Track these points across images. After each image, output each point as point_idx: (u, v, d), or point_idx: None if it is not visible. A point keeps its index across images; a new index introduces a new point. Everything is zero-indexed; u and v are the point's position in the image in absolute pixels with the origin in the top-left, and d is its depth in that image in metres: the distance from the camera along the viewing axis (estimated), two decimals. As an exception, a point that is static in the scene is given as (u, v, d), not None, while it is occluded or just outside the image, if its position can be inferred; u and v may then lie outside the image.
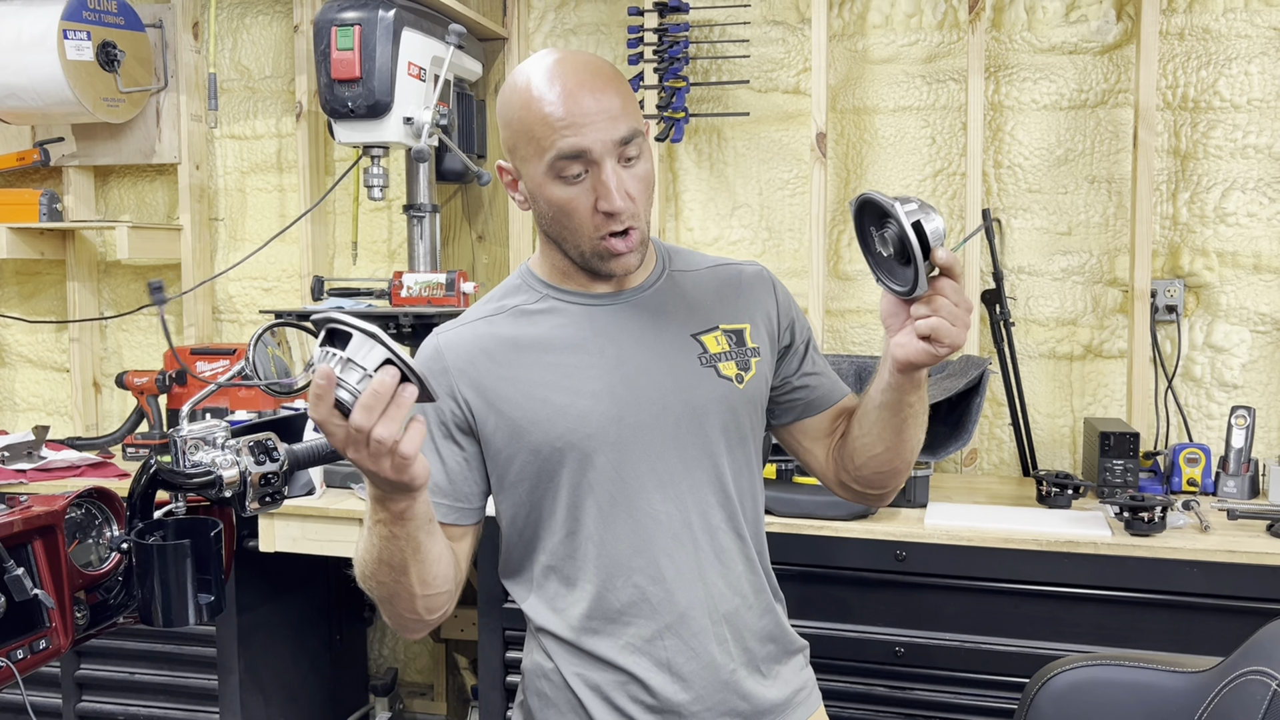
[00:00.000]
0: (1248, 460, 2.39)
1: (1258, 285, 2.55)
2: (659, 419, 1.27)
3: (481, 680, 2.42)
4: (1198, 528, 2.12)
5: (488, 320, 1.32)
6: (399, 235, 3.15)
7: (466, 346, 1.29)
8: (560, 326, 1.29)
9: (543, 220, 1.26)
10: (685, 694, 1.28)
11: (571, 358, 1.27)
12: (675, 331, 1.31)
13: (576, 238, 1.23)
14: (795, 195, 2.84)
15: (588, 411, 1.25)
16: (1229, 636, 1.98)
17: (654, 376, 1.28)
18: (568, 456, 1.26)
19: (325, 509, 2.30)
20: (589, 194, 1.19)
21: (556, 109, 1.18)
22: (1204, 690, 1.03)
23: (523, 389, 1.26)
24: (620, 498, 1.26)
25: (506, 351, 1.28)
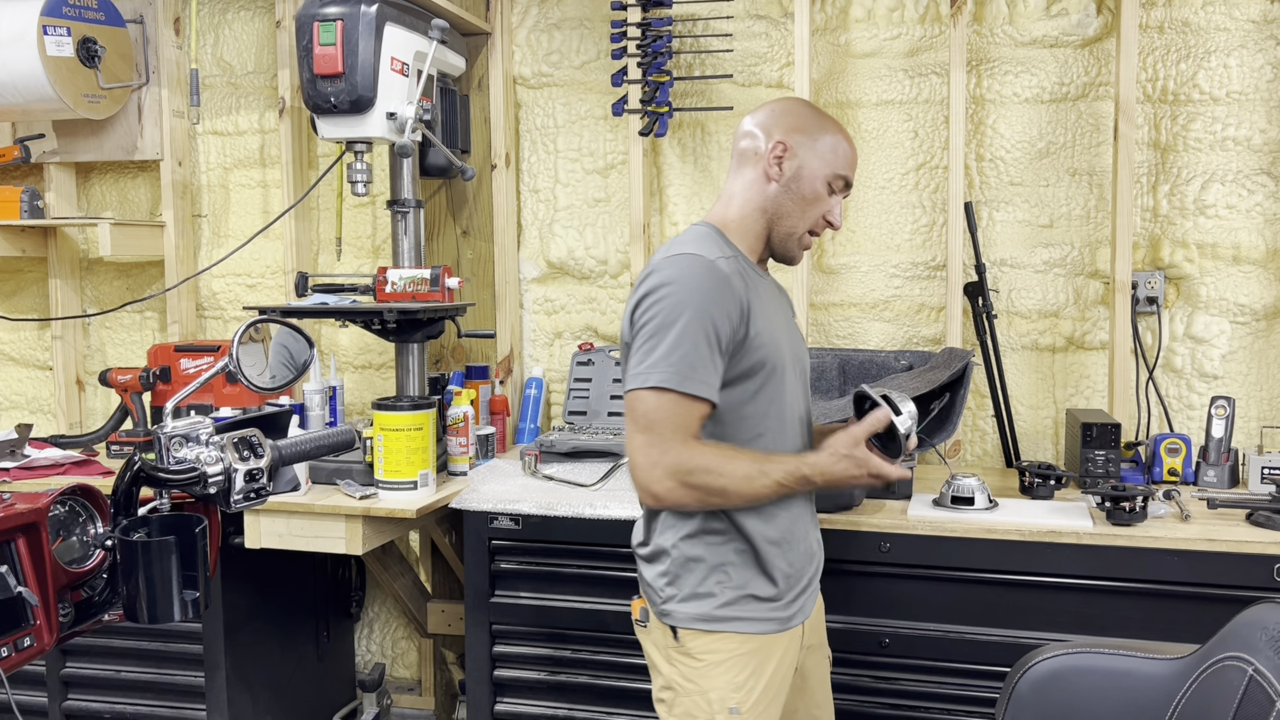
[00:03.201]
0: (1228, 450, 2.41)
1: (1237, 276, 2.57)
2: (796, 364, 1.72)
3: (469, 675, 2.42)
4: (1178, 517, 2.14)
5: (731, 260, 1.61)
6: (383, 231, 3.14)
7: (735, 279, 1.58)
8: (753, 284, 1.64)
9: (788, 197, 1.66)
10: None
11: (766, 308, 1.65)
12: (789, 308, 1.81)
13: (797, 225, 1.68)
14: (779, 189, 2.84)
15: (780, 346, 1.65)
16: (1209, 624, 2.00)
17: (792, 336, 1.75)
18: (773, 372, 1.62)
19: (311, 505, 2.30)
20: (827, 205, 1.69)
21: (851, 154, 1.72)
22: (1182, 676, 1.04)
23: (759, 322, 1.60)
24: (787, 407, 1.67)
25: (746, 290, 1.60)
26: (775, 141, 1.65)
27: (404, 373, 2.65)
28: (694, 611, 1.64)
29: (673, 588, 1.65)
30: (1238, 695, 0.93)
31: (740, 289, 1.58)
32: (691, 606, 1.64)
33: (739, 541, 1.63)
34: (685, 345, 1.52)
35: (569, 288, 3.04)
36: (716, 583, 1.63)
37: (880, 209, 2.79)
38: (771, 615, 1.66)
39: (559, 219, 3.02)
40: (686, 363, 1.52)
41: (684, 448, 1.53)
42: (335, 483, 2.41)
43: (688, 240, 1.63)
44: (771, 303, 1.69)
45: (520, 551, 2.38)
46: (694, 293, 1.54)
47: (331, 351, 3.20)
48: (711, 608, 1.63)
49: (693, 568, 1.64)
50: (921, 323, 2.79)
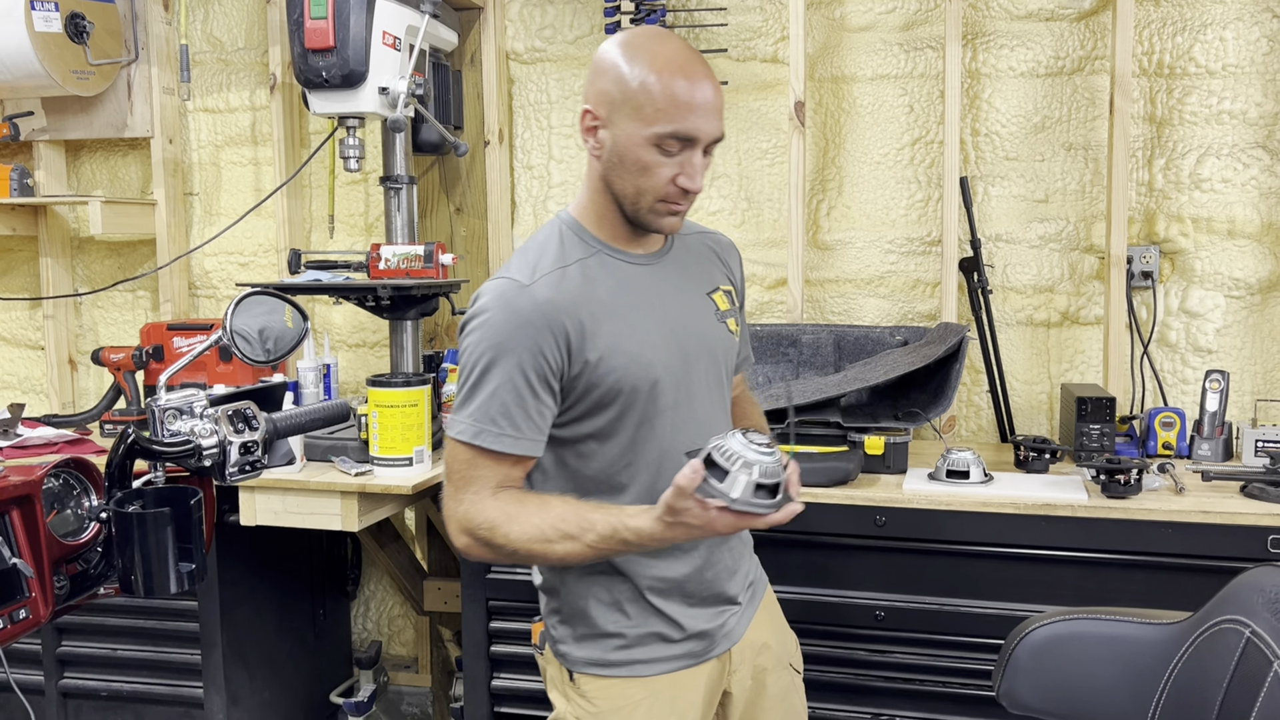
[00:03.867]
0: (1222, 423, 2.41)
1: (1232, 250, 2.57)
2: (696, 365, 1.47)
3: (466, 651, 2.43)
4: (1173, 490, 2.14)
5: (562, 273, 1.39)
6: (376, 208, 3.13)
7: (561, 301, 1.37)
8: (619, 283, 1.43)
9: (616, 171, 1.38)
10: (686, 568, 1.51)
11: (634, 312, 1.42)
12: (695, 290, 1.51)
13: (641, 195, 1.37)
14: (774, 165, 2.83)
15: (651, 360, 1.41)
16: (1203, 595, 2.01)
17: (690, 329, 1.47)
18: (636, 395, 1.40)
19: (306, 482, 2.29)
20: (674, 168, 1.35)
21: (688, 92, 1.33)
22: (1178, 640, 1.04)
23: (605, 340, 1.38)
24: (670, 428, 1.44)
25: (586, 305, 1.38)
26: (582, 111, 1.39)
27: (398, 350, 2.64)
28: (588, 655, 1.49)
29: (566, 627, 1.50)
30: (1235, 657, 0.93)
31: (567, 313, 1.35)
32: (585, 649, 1.49)
33: (627, 583, 1.46)
34: (485, 394, 1.34)
35: (563, 265, 3.03)
36: (612, 622, 1.47)
37: (876, 184, 2.78)
38: (681, 653, 1.49)
39: (553, 195, 3.00)
40: (488, 416, 1.34)
41: (474, 502, 1.35)
42: (330, 460, 2.41)
43: (526, 248, 1.44)
44: (652, 298, 1.43)
45: (516, 528, 2.38)
46: (499, 331, 1.34)
47: (325, 330, 3.18)
48: (607, 651, 1.48)
49: (586, 607, 1.47)
50: (917, 298, 2.78)
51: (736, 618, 1.56)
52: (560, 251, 1.42)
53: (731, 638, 1.55)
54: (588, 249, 1.43)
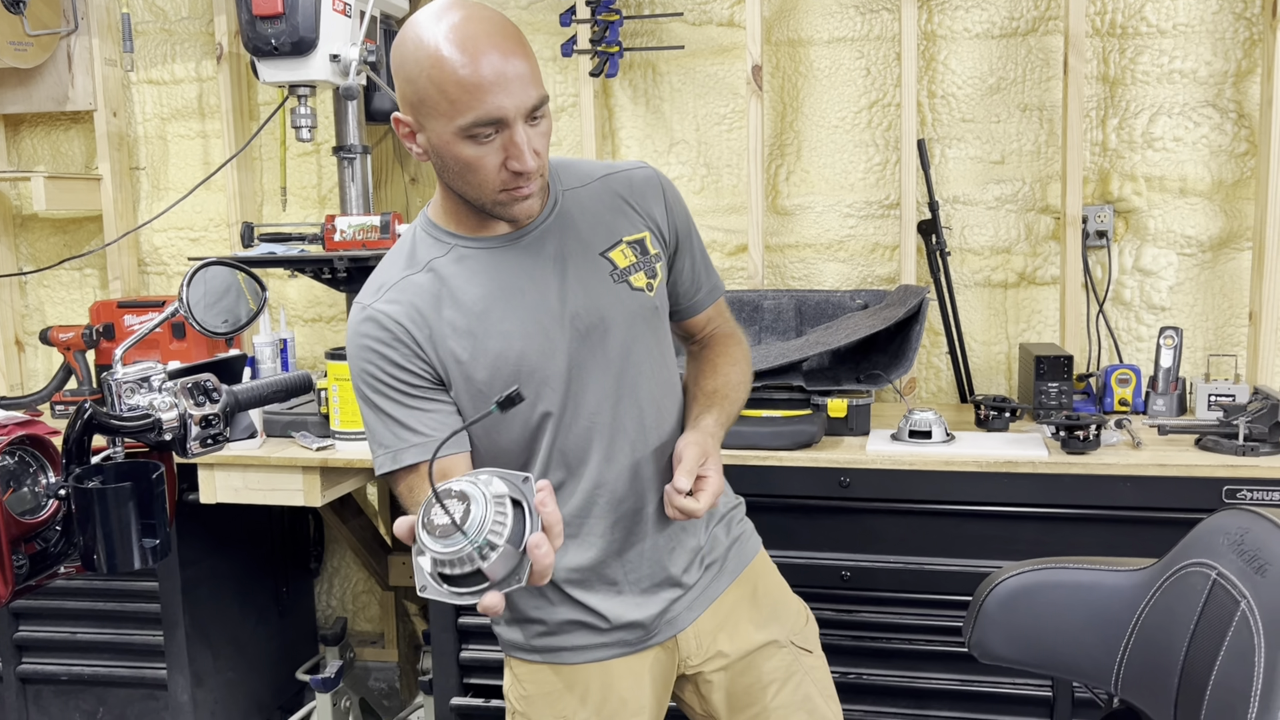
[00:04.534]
0: (1176, 379, 2.46)
1: (1184, 209, 2.61)
2: (593, 341, 1.34)
3: (433, 623, 2.42)
4: (1130, 444, 2.18)
5: (409, 280, 1.33)
6: (329, 180, 3.08)
7: (404, 309, 1.31)
8: (477, 274, 1.32)
9: (446, 174, 1.28)
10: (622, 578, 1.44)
11: (497, 304, 1.31)
12: (583, 254, 1.36)
13: (480, 191, 1.26)
14: (732, 130, 2.82)
15: (524, 351, 1.31)
16: (1161, 546, 2.05)
17: (576, 303, 1.34)
18: (508, 382, 1.30)
19: (267, 458, 2.26)
20: (498, 153, 1.22)
21: (472, 73, 1.18)
22: (1145, 586, 1.06)
23: (463, 341, 1.30)
24: (567, 422, 1.35)
25: (438, 307, 1.31)
26: (394, 120, 1.29)
27: (357, 323, 2.61)
28: (513, 639, 1.46)
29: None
30: (1201, 599, 0.95)
31: (414, 322, 1.30)
32: (512, 633, 1.46)
33: None
34: (380, 422, 1.33)
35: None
36: (534, 608, 1.42)
37: (834, 149, 2.78)
38: (611, 641, 1.42)
39: (510, 164, 2.97)
40: (394, 437, 1.32)
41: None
42: (290, 435, 2.38)
43: (385, 258, 1.40)
44: (520, 281, 1.32)
45: (481, 499, 2.37)
46: (356, 359, 1.33)
47: (280, 304, 3.13)
48: (530, 636, 1.44)
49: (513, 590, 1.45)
50: (876, 262, 2.79)
51: (685, 603, 1.46)
52: (410, 257, 1.36)
53: (676, 624, 1.45)
54: (442, 246, 1.35)
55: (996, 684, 2.19)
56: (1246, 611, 0.86)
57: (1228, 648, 0.87)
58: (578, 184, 1.41)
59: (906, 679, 2.22)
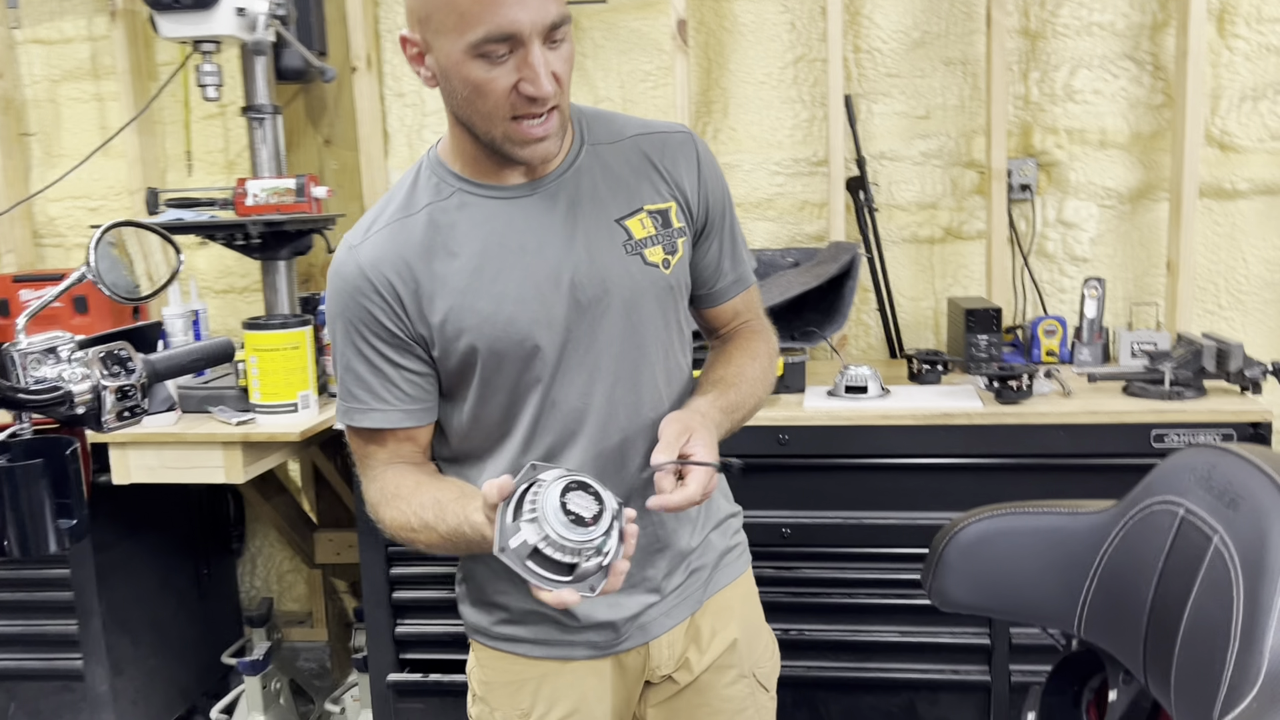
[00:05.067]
0: (1100, 329, 2.50)
1: (1104, 161, 2.65)
2: (596, 316, 1.23)
3: (366, 600, 2.35)
4: (1061, 393, 2.21)
5: (402, 224, 1.22)
6: (236, 144, 2.94)
7: (390, 259, 1.21)
8: (478, 226, 1.21)
9: (453, 100, 1.16)
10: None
11: (494, 261, 1.20)
12: (597, 218, 1.24)
13: (489, 122, 1.14)
14: (658, 87, 2.77)
15: (514, 316, 1.20)
16: (1095, 492, 2.08)
17: (580, 272, 1.22)
18: (502, 363, 1.22)
19: (183, 434, 2.15)
20: (511, 75, 1.10)
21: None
22: (1106, 527, 1.06)
23: (451, 298, 1.20)
24: (555, 398, 1.24)
25: (428, 259, 1.21)
26: (401, 41, 1.19)
27: (272, 292, 2.50)
28: (475, 621, 1.38)
29: (464, 585, 1.39)
30: (1169, 537, 0.94)
31: (397, 272, 1.20)
32: (474, 615, 1.38)
33: None
34: (341, 369, 1.27)
35: (443, 198, 2.91)
36: (500, 592, 1.33)
37: (760, 105, 2.75)
38: (579, 640, 1.32)
39: (429, 125, 2.87)
40: (348, 392, 1.26)
41: (367, 482, 1.28)
42: (207, 410, 2.27)
43: (386, 195, 1.29)
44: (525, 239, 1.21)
45: (412, 469, 2.30)
46: (333, 301, 1.24)
47: (190, 275, 2.99)
48: (492, 622, 1.35)
49: (476, 570, 1.36)
50: (805, 220, 2.78)
51: (662, 608, 1.34)
52: (409, 197, 1.25)
53: (649, 630, 1.34)
54: (445, 189, 1.24)
55: (936, 634, 2.21)
56: (1220, 546, 0.85)
57: (1201, 583, 0.87)
58: (606, 139, 1.28)
59: (848, 633, 2.22)
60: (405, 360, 1.24)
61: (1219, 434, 2.05)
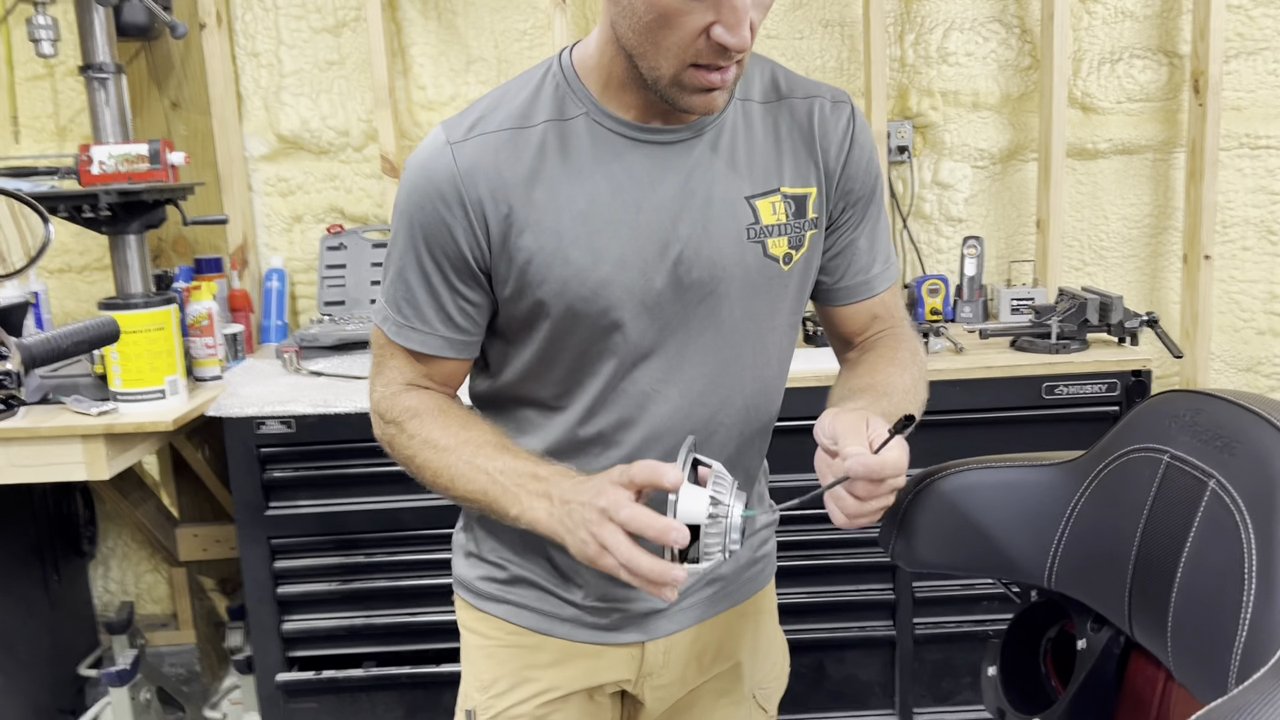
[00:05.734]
0: (980, 287, 2.56)
1: (976, 123, 2.71)
2: (683, 298, 1.06)
3: (249, 596, 2.19)
4: (953, 350, 2.25)
5: (514, 136, 1.04)
6: (67, 108, 2.67)
7: (487, 171, 1.03)
8: (598, 163, 1.03)
9: (626, 18, 0.95)
10: None
11: (604, 209, 1.03)
12: (728, 190, 1.06)
13: (664, 58, 0.95)
14: (535, 47, 2.67)
15: (609, 280, 1.03)
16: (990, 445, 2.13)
17: (691, 247, 1.05)
18: (576, 326, 1.06)
19: (36, 429, 1.93)
20: (707, 13, 0.91)
21: None
22: (1077, 478, 1.06)
23: (544, 238, 1.03)
24: (625, 383, 1.08)
25: (530, 184, 1.03)
26: None
27: (123, 270, 2.27)
28: (462, 574, 1.25)
29: (463, 534, 1.26)
30: (1154, 484, 0.94)
31: (493, 192, 1.02)
32: (464, 567, 1.25)
33: None
34: (393, 272, 1.10)
35: (306, 164, 2.73)
36: (491, 550, 1.21)
37: (640, 66, 2.68)
38: (569, 616, 1.18)
39: (287, 86, 2.68)
40: (393, 300, 1.10)
41: (384, 394, 1.13)
42: (60, 401, 2.05)
43: (501, 89, 1.09)
44: (644, 194, 1.04)
45: (295, 457, 2.15)
46: (408, 197, 1.06)
47: (19, 254, 2.71)
48: (478, 579, 1.22)
49: (474, 520, 1.23)
50: (688, 183, 2.74)
51: (666, 611, 1.19)
52: (530, 103, 1.05)
53: (649, 629, 1.19)
54: (572, 107, 1.04)
55: (841, 593, 2.23)
56: (1218, 490, 0.85)
57: (1200, 527, 0.87)
58: (759, 97, 1.09)
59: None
60: (467, 289, 1.07)
61: (1104, 384, 2.13)
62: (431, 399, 1.12)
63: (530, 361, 1.10)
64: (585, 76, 1.05)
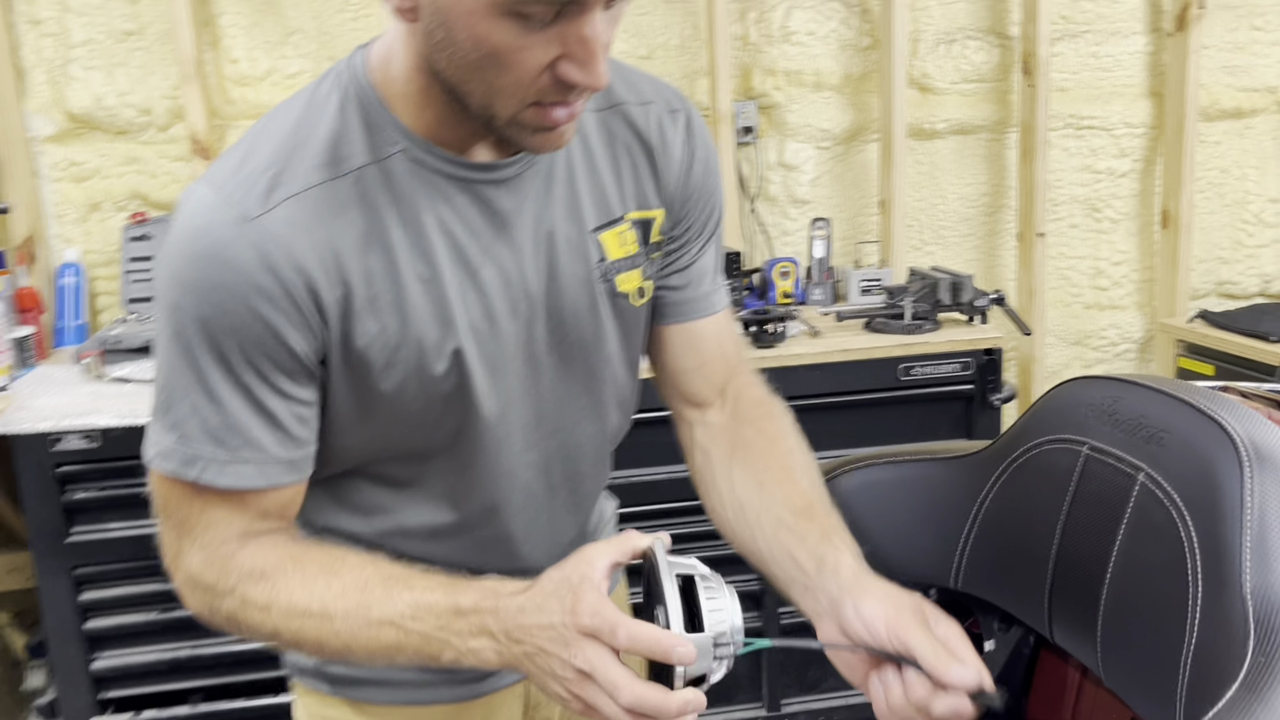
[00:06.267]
0: (829, 268, 2.55)
1: (818, 103, 2.68)
2: (537, 355, 0.91)
3: (51, 633, 1.94)
4: (810, 334, 2.21)
5: (330, 189, 0.80)
6: None
7: (316, 245, 0.79)
8: (430, 214, 0.83)
9: (450, 55, 0.75)
10: None
11: (447, 271, 0.84)
12: (571, 226, 0.90)
13: (497, 101, 0.76)
14: (359, 19, 2.47)
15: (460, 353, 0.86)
16: (850, 429, 2.11)
17: (541, 299, 0.89)
18: (428, 407, 0.88)
19: None
20: (550, 48, 0.73)
21: None
22: (982, 473, 1.00)
23: (385, 317, 0.83)
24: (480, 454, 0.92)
25: (364, 252, 0.81)
26: None
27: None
28: (305, 660, 1.01)
29: None
30: (1073, 477, 0.89)
31: (325, 268, 0.80)
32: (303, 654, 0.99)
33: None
34: (192, 403, 0.82)
35: (102, 146, 2.44)
36: None
37: (475, 41, 2.52)
38: (434, 679, 1.00)
39: (76, 58, 2.39)
40: (205, 436, 0.82)
41: (213, 557, 0.86)
42: None
43: (272, 128, 0.83)
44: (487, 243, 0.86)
45: (101, 475, 1.93)
46: (198, 298, 0.79)
47: None
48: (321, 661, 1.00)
49: None
50: (529, 165, 2.60)
51: None
52: (336, 141, 0.81)
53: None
54: (385, 144, 0.82)
55: (706, 587, 2.17)
56: (1149, 484, 0.81)
57: (1130, 526, 0.82)
58: (593, 104, 0.90)
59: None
60: (302, 389, 0.83)
61: (958, 363, 2.14)
62: (275, 549, 0.86)
63: (363, 450, 0.91)
64: (392, 102, 0.82)
